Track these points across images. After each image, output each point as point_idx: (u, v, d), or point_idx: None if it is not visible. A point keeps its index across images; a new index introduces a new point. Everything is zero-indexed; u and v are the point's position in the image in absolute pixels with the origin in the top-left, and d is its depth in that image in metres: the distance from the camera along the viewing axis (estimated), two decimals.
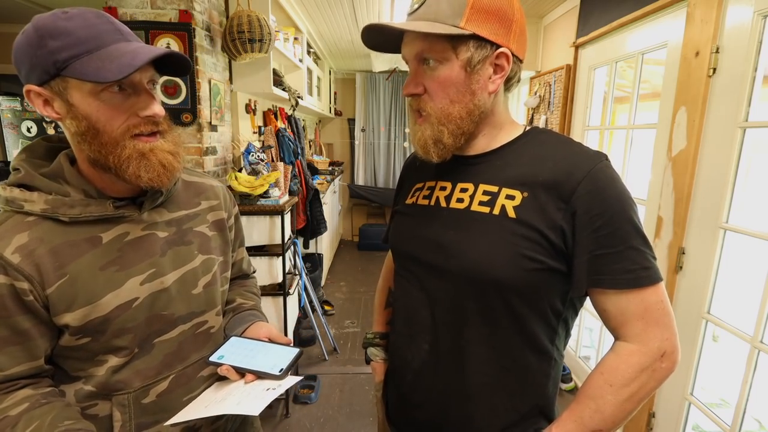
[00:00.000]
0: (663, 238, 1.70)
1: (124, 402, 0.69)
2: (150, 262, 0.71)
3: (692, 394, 1.61)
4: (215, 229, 0.83)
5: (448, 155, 0.71)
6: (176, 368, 0.74)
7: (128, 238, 0.69)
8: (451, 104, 0.67)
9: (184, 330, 0.75)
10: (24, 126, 3.00)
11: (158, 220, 0.74)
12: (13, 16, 3.27)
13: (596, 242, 0.62)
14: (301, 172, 2.90)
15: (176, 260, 0.74)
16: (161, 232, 0.73)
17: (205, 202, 0.83)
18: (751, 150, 1.40)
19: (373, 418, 2.21)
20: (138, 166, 0.64)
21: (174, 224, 0.76)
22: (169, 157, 0.67)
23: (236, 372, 0.70)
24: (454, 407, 0.73)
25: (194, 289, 0.77)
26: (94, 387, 0.69)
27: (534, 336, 0.69)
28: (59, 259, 0.63)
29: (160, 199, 0.74)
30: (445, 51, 0.65)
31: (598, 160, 0.65)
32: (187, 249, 0.76)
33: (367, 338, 0.97)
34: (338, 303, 3.65)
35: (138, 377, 0.70)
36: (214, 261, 0.81)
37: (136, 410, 0.70)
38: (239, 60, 2.02)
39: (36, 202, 0.63)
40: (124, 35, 0.63)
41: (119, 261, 0.68)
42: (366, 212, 5.78)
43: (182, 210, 0.78)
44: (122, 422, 0.69)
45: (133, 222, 0.70)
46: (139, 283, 0.69)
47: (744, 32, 1.36)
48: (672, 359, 0.63)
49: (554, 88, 2.74)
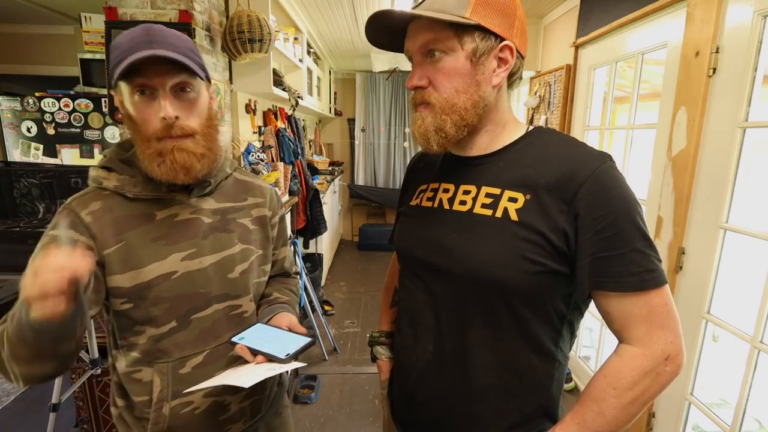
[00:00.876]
0: (663, 238, 1.70)
1: (164, 370, 0.79)
2: (192, 242, 0.80)
3: (692, 394, 1.61)
4: (257, 224, 0.92)
5: (448, 146, 0.70)
6: (210, 344, 0.82)
7: (177, 219, 0.80)
8: (457, 94, 0.67)
9: (218, 309, 0.83)
10: (24, 126, 3.00)
11: (205, 208, 0.84)
12: (13, 16, 3.27)
13: (599, 244, 0.62)
14: (301, 172, 2.90)
15: (216, 245, 0.83)
16: (206, 218, 0.83)
17: (252, 199, 0.92)
18: (751, 150, 1.40)
19: (373, 418, 2.21)
20: (153, 164, 0.73)
21: (219, 213, 0.86)
22: (191, 159, 0.75)
23: (250, 353, 0.75)
24: (459, 407, 0.73)
25: (230, 274, 0.85)
26: (139, 354, 0.79)
27: (537, 338, 0.68)
28: (120, 228, 0.76)
29: (207, 189, 0.84)
30: (450, 41, 0.65)
31: (601, 161, 0.64)
32: (227, 236, 0.85)
33: (372, 336, 0.97)
34: (338, 303, 3.64)
35: (177, 349, 0.79)
36: (252, 252, 0.89)
37: (174, 378, 0.79)
38: (239, 60, 2.02)
39: (110, 180, 0.78)
40: (152, 44, 0.70)
41: (167, 237, 0.78)
42: (366, 212, 5.78)
43: (229, 202, 0.88)
44: (161, 388, 0.78)
45: (183, 206, 0.81)
46: (180, 258, 0.79)
47: (744, 32, 1.36)
48: (676, 363, 0.63)
49: (554, 88, 2.74)
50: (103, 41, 2.08)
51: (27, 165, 2.56)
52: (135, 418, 0.82)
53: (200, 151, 0.76)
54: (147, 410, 0.79)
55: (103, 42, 1.81)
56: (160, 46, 0.70)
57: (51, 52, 3.50)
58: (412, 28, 0.68)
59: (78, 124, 2.98)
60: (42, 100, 2.95)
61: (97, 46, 2.43)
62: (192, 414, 0.81)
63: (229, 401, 0.85)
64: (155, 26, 0.73)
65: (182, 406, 0.80)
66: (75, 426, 1.96)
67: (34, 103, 2.96)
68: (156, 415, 0.78)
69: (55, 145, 3.00)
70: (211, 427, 0.83)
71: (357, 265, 4.70)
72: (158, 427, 0.79)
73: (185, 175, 0.75)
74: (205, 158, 0.77)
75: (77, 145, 3.00)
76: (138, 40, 0.70)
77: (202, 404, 0.82)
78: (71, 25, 3.39)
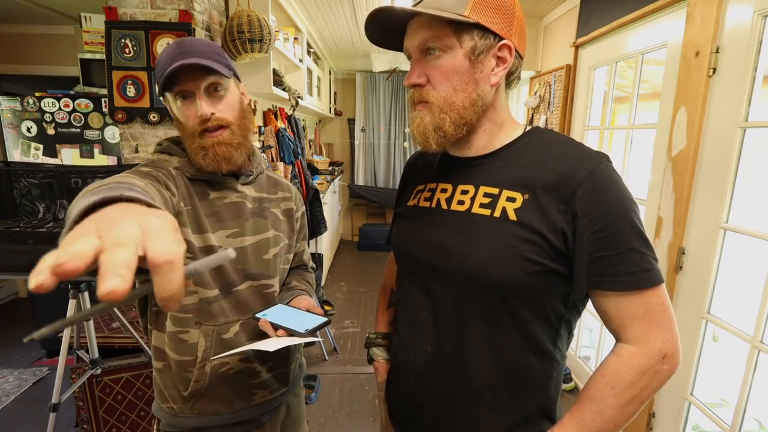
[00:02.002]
0: (663, 238, 1.70)
1: (210, 332, 0.88)
2: (237, 223, 0.91)
3: (692, 394, 1.61)
4: (285, 216, 1.03)
5: (447, 144, 0.71)
6: (245, 315, 0.91)
7: (226, 200, 0.91)
8: (455, 93, 0.67)
9: (252, 285, 0.93)
10: (24, 126, 3.00)
11: (248, 194, 0.95)
12: (13, 16, 3.27)
13: (596, 244, 0.62)
14: (301, 172, 2.90)
15: (256, 228, 0.94)
16: (250, 203, 0.95)
17: (281, 193, 1.04)
18: (751, 150, 1.40)
19: (373, 418, 2.21)
20: (198, 157, 0.85)
21: (257, 201, 0.97)
22: (230, 150, 0.86)
23: (272, 327, 0.82)
24: (457, 408, 0.73)
25: (265, 255, 0.95)
26: (189, 313, 0.87)
27: (535, 338, 0.68)
28: (189, 194, 0.87)
29: (250, 178, 0.96)
30: (449, 39, 0.65)
31: (598, 162, 0.64)
32: (264, 222, 0.96)
33: (369, 338, 0.97)
34: (338, 303, 3.64)
35: (222, 314, 0.89)
36: (281, 238, 1.00)
37: (217, 341, 0.88)
38: (239, 60, 2.01)
39: (172, 162, 0.89)
40: (184, 54, 0.81)
41: (217, 214, 0.89)
42: (366, 212, 5.78)
43: (264, 193, 1.00)
44: (205, 347, 0.87)
45: (231, 190, 0.92)
46: (226, 236, 0.89)
47: (744, 32, 1.36)
48: (673, 361, 0.63)
49: (554, 88, 2.74)
50: (103, 41, 2.08)
51: (27, 165, 2.56)
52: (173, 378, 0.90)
53: (237, 141, 0.87)
54: (191, 368, 0.88)
55: (103, 42, 1.81)
56: (191, 55, 0.81)
57: (51, 52, 3.51)
58: (412, 26, 0.68)
59: (78, 124, 2.98)
60: (42, 100, 2.95)
61: (97, 46, 2.42)
62: (227, 374, 0.90)
63: (259, 369, 0.94)
64: (186, 39, 0.85)
65: (220, 366, 0.89)
66: (75, 426, 1.96)
67: (34, 103, 2.96)
68: (199, 372, 0.88)
69: (55, 145, 3.00)
70: (242, 388, 0.92)
71: (357, 265, 4.70)
72: (199, 384, 0.88)
73: (227, 164, 0.86)
74: (241, 147, 0.88)
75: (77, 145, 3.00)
76: (172, 54, 0.82)
77: (237, 366, 0.91)
78: (71, 25, 3.39)
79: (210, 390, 0.89)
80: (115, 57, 1.75)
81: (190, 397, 0.89)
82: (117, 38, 1.74)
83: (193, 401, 0.89)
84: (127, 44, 1.74)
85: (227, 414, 0.91)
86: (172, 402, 0.90)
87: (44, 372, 2.50)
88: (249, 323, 0.91)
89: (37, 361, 2.63)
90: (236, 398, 0.92)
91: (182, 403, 0.90)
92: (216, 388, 0.89)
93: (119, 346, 1.89)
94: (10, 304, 3.53)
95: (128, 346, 1.87)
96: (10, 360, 2.64)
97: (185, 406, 0.89)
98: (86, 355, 1.70)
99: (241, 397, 0.92)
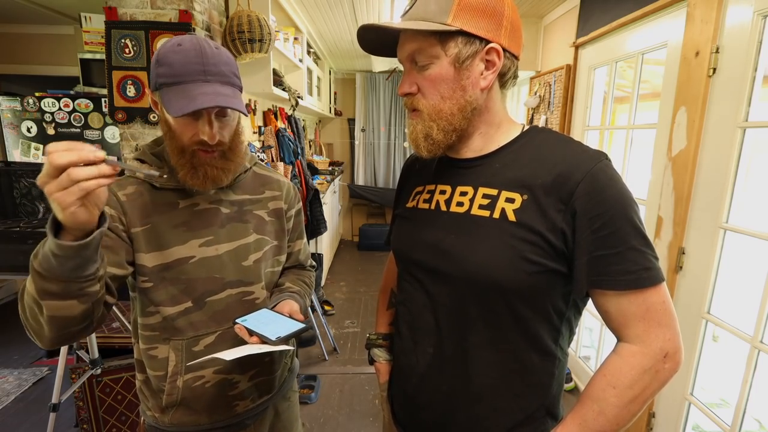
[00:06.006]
0: (663, 238, 1.70)
1: (179, 347, 0.86)
2: (210, 231, 0.87)
3: (692, 394, 1.61)
4: (273, 216, 0.98)
5: (438, 151, 0.71)
6: (223, 326, 0.89)
7: (197, 208, 0.87)
8: (443, 101, 0.68)
9: (231, 294, 0.89)
10: (24, 126, 3.00)
11: (224, 199, 0.90)
12: (13, 16, 3.27)
13: (596, 243, 0.62)
14: (301, 172, 2.90)
15: (233, 234, 0.90)
16: (225, 208, 0.90)
17: (269, 192, 0.98)
18: (751, 150, 1.40)
19: (374, 418, 2.21)
20: (186, 173, 0.81)
21: (236, 205, 0.92)
22: (218, 172, 0.82)
23: (248, 333, 0.80)
24: (461, 409, 0.73)
25: (244, 261, 0.91)
26: (156, 332, 0.86)
27: (537, 337, 0.68)
28: (147, 212, 0.83)
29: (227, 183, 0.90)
30: (433, 50, 0.66)
31: (597, 160, 0.64)
32: (243, 227, 0.92)
33: (370, 339, 0.97)
34: (338, 303, 3.65)
35: (191, 328, 0.86)
36: (266, 242, 0.95)
37: (187, 355, 0.86)
38: (239, 60, 2.01)
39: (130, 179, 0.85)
40: (206, 75, 0.76)
41: (187, 224, 0.85)
42: (366, 212, 5.78)
43: (246, 195, 0.94)
44: (175, 362, 0.86)
45: (203, 197, 0.88)
46: (198, 245, 0.86)
47: (744, 32, 1.36)
48: (675, 360, 0.63)
49: (554, 88, 2.74)
50: (103, 41, 2.08)
51: (27, 165, 2.56)
52: (152, 390, 0.90)
53: (229, 167, 0.84)
54: (163, 384, 0.87)
55: (103, 42, 1.81)
56: (214, 76, 0.77)
57: (51, 52, 3.51)
58: (401, 38, 0.70)
59: (78, 124, 2.98)
60: (42, 100, 2.95)
61: (97, 46, 2.43)
62: (203, 387, 0.88)
63: (237, 379, 0.91)
64: (206, 47, 0.77)
65: (194, 380, 0.87)
66: (75, 426, 1.96)
67: (34, 103, 2.96)
68: (171, 386, 0.86)
69: None
70: (219, 400, 0.90)
71: (357, 265, 4.70)
72: (172, 398, 0.87)
73: (213, 185, 0.83)
74: (230, 171, 0.85)
75: None
76: (192, 63, 0.75)
77: (213, 379, 0.89)
78: (71, 25, 3.40)
79: (186, 403, 0.88)
80: (115, 57, 1.75)
81: (168, 409, 0.88)
82: (117, 38, 1.74)
83: (172, 412, 0.89)
84: (127, 44, 1.74)
85: (206, 424, 0.91)
86: (153, 411, 0.91)
87: (44, 372, 2.50)
88: (229, 333, 0.88)
89: (37, 361, 2.63)
90: (215, 410, 0.90)
91: (161, 414, 0.90)
92: (192, 401, 0.88)
93: (119, 346, 1.89)
94: (10, 304, 3.53)
95: (128, 346, 1.87)
96: (10, 360, 2.64)
97: (164, 416, 0.89)
98: (86, 355, 1.70)
99: (220, 410, 0.91)
